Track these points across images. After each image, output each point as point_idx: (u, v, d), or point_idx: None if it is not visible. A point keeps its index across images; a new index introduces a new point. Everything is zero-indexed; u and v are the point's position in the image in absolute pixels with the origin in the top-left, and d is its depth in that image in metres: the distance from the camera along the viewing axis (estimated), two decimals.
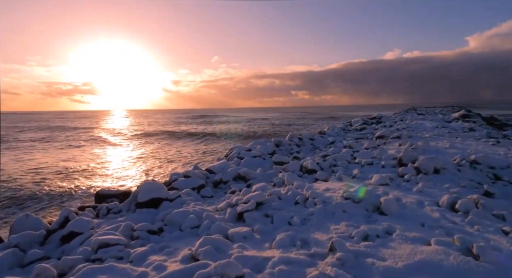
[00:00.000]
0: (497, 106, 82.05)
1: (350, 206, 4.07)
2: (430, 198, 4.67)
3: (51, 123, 48.16)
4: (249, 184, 6.45)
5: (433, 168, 6.45)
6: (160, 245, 3.33)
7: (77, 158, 16.39)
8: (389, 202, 3.96)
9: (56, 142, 24.37)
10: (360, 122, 22.89)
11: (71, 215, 4.22)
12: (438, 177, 6.20)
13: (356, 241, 3.07)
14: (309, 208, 4.16)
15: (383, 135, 13.37)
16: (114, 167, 14.05)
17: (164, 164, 14.89)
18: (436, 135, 12.83)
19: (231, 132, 31.54)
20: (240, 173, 6.86)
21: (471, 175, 6.56)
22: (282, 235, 3.22)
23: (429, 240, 3.01)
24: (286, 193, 4.70)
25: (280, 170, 7.49)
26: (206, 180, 6.92)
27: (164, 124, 47.75)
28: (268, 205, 4.30)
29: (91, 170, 13.12)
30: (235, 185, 6.62)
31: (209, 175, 7.28)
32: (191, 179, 6.42)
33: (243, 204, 4.13)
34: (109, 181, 11.11)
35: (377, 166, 7.41)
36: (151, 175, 12.38)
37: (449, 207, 4.26)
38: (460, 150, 8.76)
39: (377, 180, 5.58)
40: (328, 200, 4.25)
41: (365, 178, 6.44)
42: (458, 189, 5.26)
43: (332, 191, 4.85)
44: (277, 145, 11.80)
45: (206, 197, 5.88)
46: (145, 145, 22.76)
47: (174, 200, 5.04)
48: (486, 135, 12.84)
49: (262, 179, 6.90)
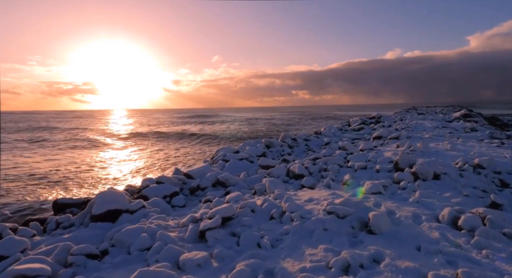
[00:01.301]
0: (498, 106, 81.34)
1: (333, 223, 3.42)
2: (429, 211, 4.02)
3: (41, 124, 45.95)
4: (228, 191, 5.81)
5: (433, 173, 5.80)
6: (92, 276, 2.68)
7: (54, 161, 15.40)
8: (379, 219, 3.32)
9: (35, 142, 23.30)
10: (358, 122, 22.22)
11: (4, 232, 3.59)
12: (438, 184, 5.55)
13: (333, 274, 2.43)
14: (285, 224, 3.51)
15: (381, 136, 12.72)
16: (91, 171, 13.04)
17: (147, 167, 14.08)
18: (436, 136, 12.17)
19: (226, 133, 30.86)
20: (219, 178, 6.21)
21: (475, 181, 5.91)
22: (243, 264, 2.58)
23: (426, 274, 2.37)
24: (262, 205, 4.05)
25: (265, 174, 6.85)
26: (183, 186, 6.28)
27: (158, 124, 46.69)
28: (237, 221, 3.65)
29: (65, 174, 12.02)
30: (213, 192, 5.98)
31: (187, 180, 6.65)
32: (163, 185, 5.78)
33: (207, 220, 3.49)
34: (82, 187, 10.10)
35: (371, 170, 6.76)
36: (128, 179, 11.50)
37: (451, 223, 3.61)
38: (462, 152, 8.11)
39: (369, 187, 4.93)
40: (307, 215, 3.60)
41: (357, 184, 5.79)
42: (460, 198, 4.61)
43: (315, 202, 4.21)
44: (268, 146, 11.15)
45: (177, 206, 5.24)
46: (132, 146, 21.78)
47: (136, 211, 4.40)
48: (489, 136, 12.18)
49: (244, 185, 6.26)
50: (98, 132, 33.44)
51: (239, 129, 35.22)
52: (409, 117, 24.97)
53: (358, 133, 17.09)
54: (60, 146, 21.44)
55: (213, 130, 34.12)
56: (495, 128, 17.39)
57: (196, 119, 57.76)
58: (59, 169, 13.14)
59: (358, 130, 18.64)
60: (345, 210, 3.61)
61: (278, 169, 6.76)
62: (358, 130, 18.64)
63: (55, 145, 21.88)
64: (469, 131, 13.64)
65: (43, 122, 52.11)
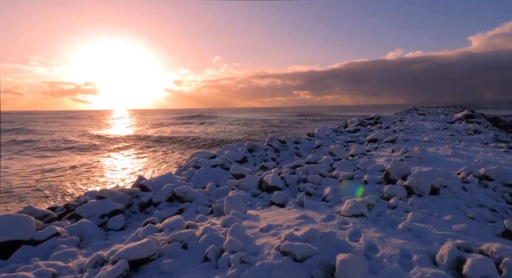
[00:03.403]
0: (499, 106, 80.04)
1: (285, 270, 2.41)
2: (423, 245, 3.00)
3: (14, 126, 42.36)
4: (182, 208, 4.81)
5: (430, 187, 4.79)
6: None
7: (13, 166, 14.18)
8: (349, 266, 2.31)
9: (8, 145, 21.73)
10: (355, 123, 21.18)
11: None
12: (437, 202, 4.53)
13: None
14: (220, 271, 2.50)
15: (376, 139, 11.69)
16: (44, 180, 11.45)
17: (115, 174, 12.73)
18: (437, 139, 11.13)
19: (221, 135, 29.81)
20: (175, 191, 5.20)
21: (482, 197, 4.90)
22: None
23: None
24: (200, 237, 3.04)
25: (233, 185, 5.85)
26: (132, 200, 5.28)
27: (149, 126, 44.95)
28: (157, 264, 2.65)
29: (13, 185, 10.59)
30: (168, 209, 5.00)
31: (140, 193, 5.65)
32: (104, 201, 4.78)
33: (108, 266, 2.49)
34: (24, 201, 8.84)
35: (359, 181, 5.74)
36: (79, 190, 10.08)
37: (453, 268, 2.60)
38: (465, 159, 7.08)
39: (348, 208, 3.91)
40: (252, 257, 2.59)
41: (337, 201, 4.78)
42: (464, 224, 3.58)
43: (273, 232, 3.20)
44: (251, 150, 10.14)
45: (113, 230, 4.24)
46: (109, 151, 19.99)
47: (42, 242, 3.40)
48: (494, 139, 11.13)
49: (205, 199, 5.25)
50: (75, 134, 30.80)
51: (232, 131, 34.14)
52: (408, 118, 23.90)
53: (353, 135, 16.05)
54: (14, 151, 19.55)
55: (206, 132, 32.99)
56: (500, 130, 16.31)
57: (193, 120, 56.39)
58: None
59: (354, 132, 17.60)
60: (305, 249, 2.60)
61: (249, 179, 5.76)
62: (354, 132, 17.60)
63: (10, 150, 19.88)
64: (472, 134, 12.60)
65: (23, 123, 49.47)
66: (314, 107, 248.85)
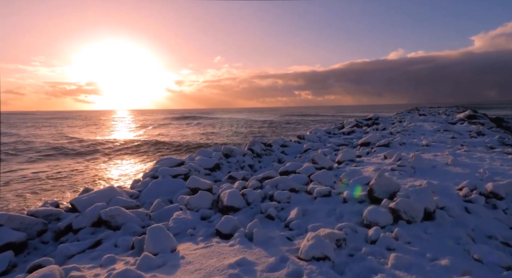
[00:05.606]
0: (502, 106, 78.55)
1: None
2: None
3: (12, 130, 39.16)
4: (100, 240, 3.73)
5: (423, 210, 3.70)
6: None
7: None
8: None
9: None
10: (352, 124, 20.07)
11: None
12: (431, 231, 3.44)
13: None
14: None
15: (369, 142, 10.60)
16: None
17: (63, 187, 9.99)
18: (436, 142, 10.02)
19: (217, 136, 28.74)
20: (101, 214, 4.13)
21: (490, 223, 3.80)
22: None
23: None
24: None
25: (182, 205, 4.77)
26: (47, 227, 4.20)
27: (139, 126, 43.04)
28: None
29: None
30: (89, 238, 3.92)
31: (65, 214, 4.58)
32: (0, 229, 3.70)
33: None
34: None
35: (337, 199, 4.66)
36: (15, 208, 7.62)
37: None
38: (468, 169, 5.98)
39: (308, 247, 2.83)
40: None
41: (303, 229, 3.69)
42: (468, 277, 2.49)
43: None
44: (227, 155, 9.06)
45: None
46: (79, 156, 17.43)
47: None
48: (499, 142, 10.02)
49: (136, 226, 4.17)
50: (53, 137, 27.50)
51: (228, 132, 33.07)
52: (408, 118, 22.76)
53: (347, 137, 14.94)
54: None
55: (202, 133, 31.91)
56: (504, 132, 15.15)
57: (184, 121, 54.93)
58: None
59: (348, 133, 16.48)
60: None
61: (201, 196, 4.68)
62: (348, 133, 16.48)
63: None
64: (475, 136, 11.47)
65: (19, 123, 47.69)
66: (316, 108, 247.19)
